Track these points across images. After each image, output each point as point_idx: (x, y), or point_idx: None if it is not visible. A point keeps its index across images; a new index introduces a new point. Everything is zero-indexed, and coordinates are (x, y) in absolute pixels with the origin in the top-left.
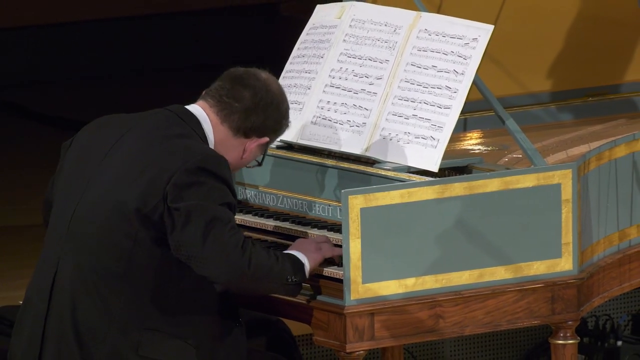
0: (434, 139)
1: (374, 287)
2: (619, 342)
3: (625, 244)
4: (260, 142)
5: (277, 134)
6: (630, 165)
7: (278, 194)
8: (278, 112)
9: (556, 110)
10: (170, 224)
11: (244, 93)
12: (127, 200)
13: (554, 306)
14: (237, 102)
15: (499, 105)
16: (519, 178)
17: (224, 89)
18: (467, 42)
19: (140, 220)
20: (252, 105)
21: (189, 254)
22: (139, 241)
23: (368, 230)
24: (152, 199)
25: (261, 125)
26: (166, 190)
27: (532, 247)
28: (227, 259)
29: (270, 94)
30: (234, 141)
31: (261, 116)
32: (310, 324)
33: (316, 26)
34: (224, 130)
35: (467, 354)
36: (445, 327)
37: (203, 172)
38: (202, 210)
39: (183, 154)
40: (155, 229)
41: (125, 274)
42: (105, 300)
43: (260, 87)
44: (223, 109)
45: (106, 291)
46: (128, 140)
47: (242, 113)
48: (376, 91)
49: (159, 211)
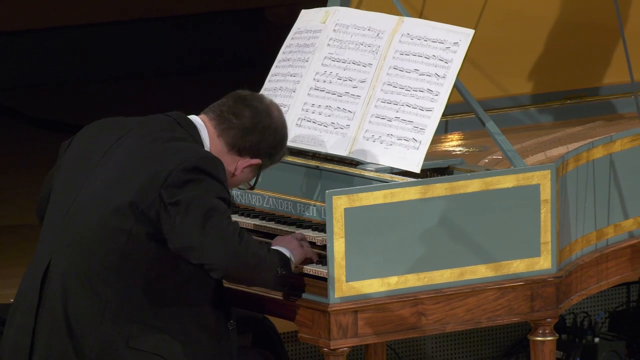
0: (416, 141)
1: (357, 286)
2: (597, 339)
3: (603, 243)
4: (252, 162)
5: (271, 160)
6: (608, 166)
7: (264, 194)
8: (275, 136)
9: (535, 113)
10: (167, 218)
11: (244, 112)
12: (123, 197)
13: (533, 304)
14: (237, 119)
15: (479, 107)
16: (499, 179)
17: (225, 105)
18: (448, 46)
19: (135, 216)
20: (251, 124)
21: (188, 244)
22: (133, 236)
23: (352, 230)
24: (148, 196)
25: (256, 146)
26: (163, 188)
27: (511, 246)
28: (226, 246)
29: (270, 118)
30: (227, 157)
31: (257, 137)
32: (296, 322)
33: (301, 31)
34: (220, 144)
35: (448, 351)
36: (427, 324)
37: (199, 171)
38: (200, 202)
39: (180, 154)
40: (151, 224)
41: (118, 267)
42: (97, 293)
43: (262, 109)
44: (222, 123)
45: (98, 284)
46: (127, 142)
47: (239, 130)
48: (359, 94)
49: (155, 208)
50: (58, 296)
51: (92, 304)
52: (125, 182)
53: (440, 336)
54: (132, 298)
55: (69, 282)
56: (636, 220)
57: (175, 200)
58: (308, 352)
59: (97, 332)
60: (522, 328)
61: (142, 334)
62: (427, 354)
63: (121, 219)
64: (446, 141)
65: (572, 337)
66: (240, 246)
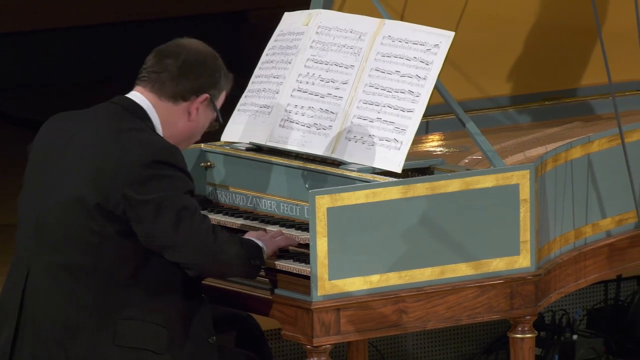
0: (397, 141)
1: (339, 284)
2: (575, 336)
3: (581, 242)
4: (201, 99)
5: (218, 88)
6: (586, 166)
7: (248, 194)
8: (205, 67)
9: (514, 114)
10: (136, 217)
11: (167, 61)
12: (88, 198)
13: (512, 302)
14: (164, 71)
15: (459, 108)
16: (479, 179)
17: (149, 66)
18: (429, 48)
19: (103, 216)
20: (177, 69)
21: (162, 244)
22: (105, 236)
23: (334, 229)
24: (112, 195)
25: (194, 83)
26: (126, 187)
27: (491, 245)
28: (200, 245)
29: (193, 54)
30: (176, 110)
31: (191, 77)
32: (279, 319)
33: (284, 33)
34: (164, 103)
35: (429, 348)
36: (408, 321)
37: (159, 164)
38: (170, 201)
39: (137, 148)
40: (120, 222)
41: (95, 268)
42: (77, 296)
43: (181, 51)
44: (154, 84)
45: (78, 287)
46: (82, 137)
47: (171, 80)
48: (342, 95)
49: (121, 207)
50: (40, 305)
51: (74, 309)
52: (87, 183)
53: (421, 333)
54: (113, 295)
55: (49, 290)
56: (614, 219)
57: (142, 199)
58: (291, 349)
59: (82, 336)
60: (502, 325)
61: (127, 329)
62: (409, 351)
63: (90, 220)
64: (427, 141)
65: (550, 335)
66: (215, 244)
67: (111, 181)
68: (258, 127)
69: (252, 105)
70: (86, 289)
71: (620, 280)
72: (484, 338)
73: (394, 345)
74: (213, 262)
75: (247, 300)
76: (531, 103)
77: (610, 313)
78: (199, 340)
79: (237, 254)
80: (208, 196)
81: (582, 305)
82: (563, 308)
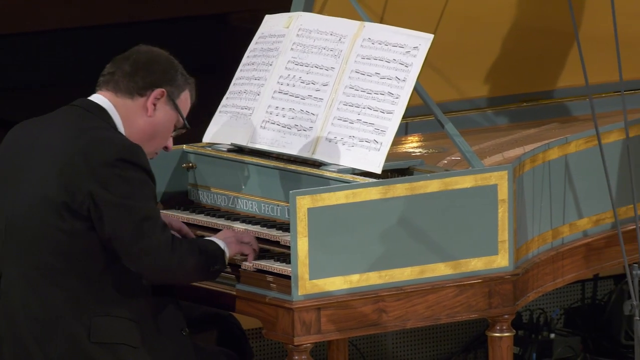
0: (377, 142)
1: (320, 283)
2: (552, 334)
3: (559, 242)
4: (157, 95)
5: (175, 85)
6: (563, 167)
7: (229, 194)
8: (159, 64)
9: (492, 115)
10: (99, 218)
11: (120, 64)
12: (54, 197)
13: (490, 301)
14: (119, 71)
15: (438, 110)
16: (457, 179)
17: (107, 70)
18: (408, 51)
19: (70, 214)
20: (131, 67)
21: (120, 249)
22: (73, 234)
23: (315, 229)
24: (77, 194)
25: (147, 80)
26: (91, 184)
27: (470, 245)
28: (158, 260)
29: (144, 54)
30: (134, 105)
31: (144, 72)
32: (260, 319)
33: (265, 35)
34: (121, 100)
35: (409, 347)
36: (388, 320)
37: (122, 162)
38: (133, 209)
39: (100, 147)
40: (87, 220)
41: (66, 267)
42: (51, 296)
43: (133, 53)
44: (112, 84)
45: (51, 287)
46: (46, 140)
47: (125, 77)
48: (322, 97)
49: (85, 205)
50: (15, 307)
51: (50, 308)
52: (53, 183)
53: (401, 332)
54: (85, 293)
55: (23, 292)
56: (591, 219)
57: (106, 200)
58: (272, 348)
59: (60, 335)
60: (480, 324)
61: (101, 326)
62: (388, 349)
63: (59, 219)
64: (406, 143)
65: (528, 333)
66: (172, 259)
67: (76, 180)
68: (239, 129)
69: (233, 107)
70: (59, 288)
71: (597, 280)
72: (463, 337)
73: (374, 344)
74: (169, 275)
75: (229, 300)
76: (509, 104)
77: (588, 312)
78: (173, 333)
79: (195, 265)
80: (189, 197)
81: (559, 304)
82: (541, 307)
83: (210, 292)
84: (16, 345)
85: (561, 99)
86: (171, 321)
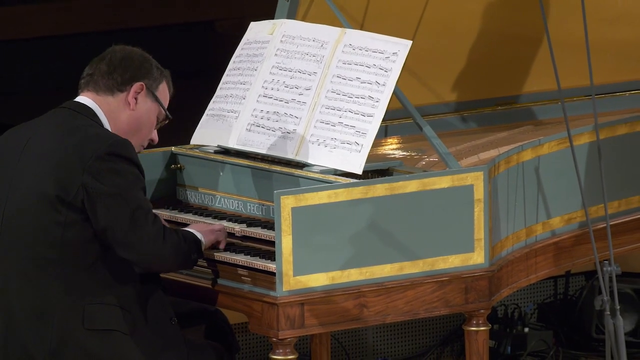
0: (358, 144)
1: (303, 280)
2: (526, 328)
3: (532, 240)
4: (136, 88)
5: (152, 78)
6: (536, 168)
7: (216, 194)
8: (134, 60)
9: (469, 118)
10: (93, 210)
11: (97, 65)
12: (48, 192)
13: (467, 296)
14: (95, 72)
15: (416, 113)
16: (435, 180)
17: (86, 72)
18: (387, 56)
19: (65, 207)
20: (108, 65)
21: (114, 238)
22: (68, 226)
23: (298, 228)
24: (71, 187)
25: (125, 75)
26: (84, 178)
27: (447, 243)
28: (151, 249)
29: (119, 52)
30: (115, 102)
31: (121, 69)
32: (246, 313)
33: (250, 41)
34: (103, 98)
35: (389, 340)
36: (368, 315)
37: (113, 156)
38: (125, 199)
39: (91, 142)
40: (82, 211)
41: (60, 258)
42: (47, 287)
43: (108, 53)
44: (92, 84)
45: (46, 277)
46: (38, 140)
47: (104, 75)
48: (305, 101)
49: (80, 198)
50: (12, 296)
51: (44, 297)
52: (47, 178)
53: (381, 326)
54: (78, 282)
55: (18, 283)
56: (562, 218)
57: (99, 191)
58: (258, 342)
59: (54, 321)
60: (457, 319)
61: (93, 313)
62: (369, 343)
63: (53, 212)
64: (386, 145)
65: (503, 327)
66: (164, 247)
67: (69, 174)
68: (226, 131)
69: (220, 110)
70: (53, 279)
71: (569, 276)
72: (441, 331)
73: (355, 337)
74: (159, 263)
75: (215, 296)
76: (484, 108)
77: (560, 307)
78: (162, 321)
79: (182, 254)
80: (178, 197)
81: (533, 299)
82: (515, 302)
83: (197, 288)
84: (13, 334)
85: (534, 103)
86: (160, 310)
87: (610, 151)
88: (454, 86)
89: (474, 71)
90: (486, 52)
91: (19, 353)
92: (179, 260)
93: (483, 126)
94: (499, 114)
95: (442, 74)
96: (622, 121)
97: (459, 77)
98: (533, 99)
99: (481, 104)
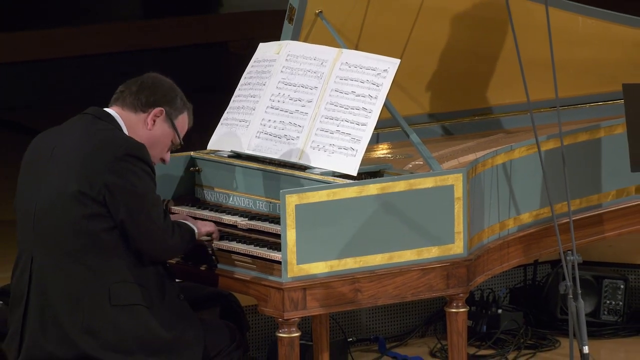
0: (353, 150)
1: (305, 267)
2: (499, 310)
3: (505, 233)
4: (156, 112)
5: (174, 107)
6: (509, 170)
7: (229, 193)
8: (162, 87)
9: (450, 126)
10: (114, 205)
11: (132, 84)
12: (74, 188)
13: (448, 282)
14: (128, 90)
15: (404, 122)
16: (420, 180)
17: (119, 89)
18: (379, 73)
19: (90, 200)
20: (138, 87)
21: (132, 231)
22: (92, 217)
23: (301, 222)
24: (95, 184)
25: (151, 97)
26: (105, 176)
27: (431, 235)
28: (162, 242)
29: (152, 78)
30: (136, 119)
31: (148, 92)
32: (256, 297)
33: (259, 60)
34: (126, 113)
35: (380, 320)
36: (362, 299)
37: (131, 157)
38: (143, 196)
39: (111, 144)
40: (103, 205)
41: (87, 247)
42: (76, 273)
43: (145, 76)
44: (121, 100)
45: (74, 264)
46: (65, 143)
47: (132, 95)
48: (307, 112)
49: (102, 194)
50: (45, 283)
51: (74, 282)
52: (74, 176)
53: (373, 308)
54: (104, 266)
55: (51, 270)
56: (531, 214)
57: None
58: (266, 322)
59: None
60: (440, 301)
61: (119, 291)
62: (362, 323)
63: (79, 207)
64: (378, 150)
65: (479, 309)
66: (172, 241)
67: (92, 172)
68: (238, 138)
69: (233, 120)
70: (82, 265)
71: (537, 264)
72: (425, 312)
73: (350, 318)
74: (167, 254)
75: (229, 282)
76: (463, 118)
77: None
78: (172, 297)
79: (181, 245)
80: (197, 195)
81: (505, 284)
82: (490, 287)
83: (214, 275)
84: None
85: (506, 114)
86: (170, 288)
87: (573, 156)
88: (437, 99)
89: (454, 86)
90: (465, 69)
91: (55, 332)
92: (181, 251)
93: (462, 134)
94: (476, 123)
95: (427, 88)
96: (583, 129)
97: (441, 91)
98: (505, 110)
99: (460, 115)
